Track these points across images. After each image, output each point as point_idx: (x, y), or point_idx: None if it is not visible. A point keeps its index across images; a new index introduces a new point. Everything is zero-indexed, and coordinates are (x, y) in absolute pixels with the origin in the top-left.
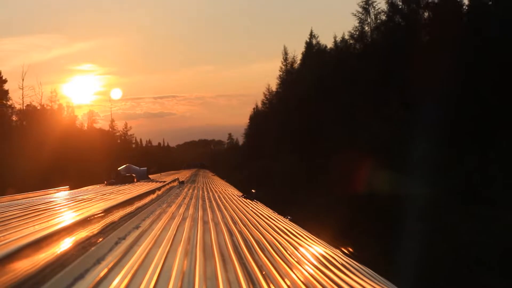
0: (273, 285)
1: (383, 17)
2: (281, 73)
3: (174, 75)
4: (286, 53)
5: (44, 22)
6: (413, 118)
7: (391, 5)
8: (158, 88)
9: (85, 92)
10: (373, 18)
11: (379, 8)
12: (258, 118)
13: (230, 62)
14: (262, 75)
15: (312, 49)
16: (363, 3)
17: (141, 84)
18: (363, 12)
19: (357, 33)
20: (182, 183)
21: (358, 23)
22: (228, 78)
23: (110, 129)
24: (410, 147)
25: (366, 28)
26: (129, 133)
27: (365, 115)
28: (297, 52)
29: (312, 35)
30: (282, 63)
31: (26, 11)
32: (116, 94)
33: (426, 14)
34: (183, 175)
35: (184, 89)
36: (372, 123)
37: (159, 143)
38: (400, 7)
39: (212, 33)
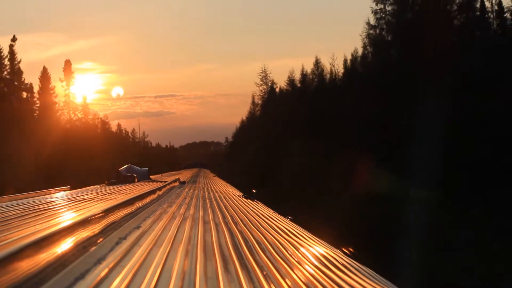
0: (274, 285)
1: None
2: (249, 110)
3: (174, 74)
4: (253, 97)
5: (44, 20)
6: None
7: None
8: (158, 87)
9: (85, 90)
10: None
11: None
12: (240, 130)
13: (230, 60)
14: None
15: (274, 93)
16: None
17: (140, 83)
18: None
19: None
20: (183, 183)
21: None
22: (227, 77)
23: (131, 136)
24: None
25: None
26: (146, 139)
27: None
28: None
29: (273, 83)
30: (251, 104)
31: (26, 10)
32: (117, 92)
33: None
34: (184, 175)
35: (183, 88)
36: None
37: (166, 146)
38: None
39: (212, 31)
